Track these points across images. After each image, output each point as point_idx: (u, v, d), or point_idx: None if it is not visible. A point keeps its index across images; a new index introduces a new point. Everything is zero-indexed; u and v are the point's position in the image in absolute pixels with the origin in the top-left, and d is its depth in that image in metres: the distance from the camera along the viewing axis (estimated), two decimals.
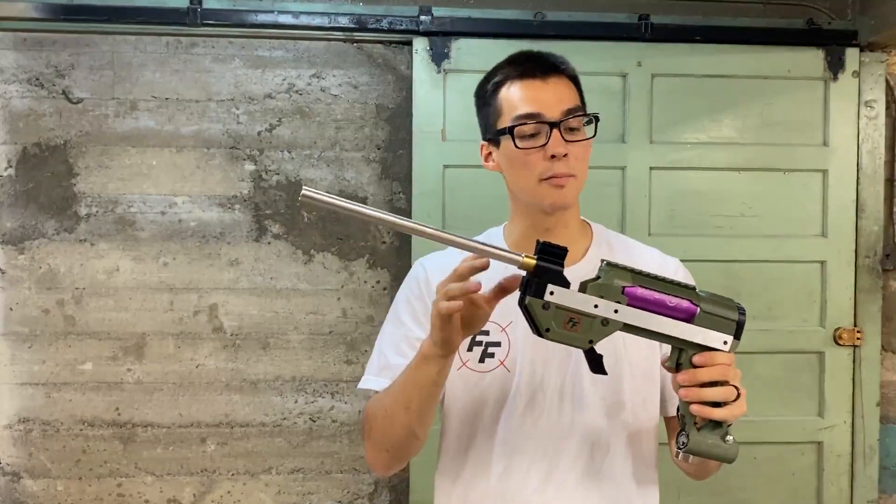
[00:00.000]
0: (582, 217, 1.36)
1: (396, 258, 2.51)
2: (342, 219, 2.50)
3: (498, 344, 1.28)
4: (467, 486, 1.29)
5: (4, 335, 2.44)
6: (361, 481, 2.54)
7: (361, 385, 1.33)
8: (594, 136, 1.27)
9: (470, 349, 1.28)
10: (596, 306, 1.04)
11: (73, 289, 2.45)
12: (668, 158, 2.48)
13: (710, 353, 1.06)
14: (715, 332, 1.07)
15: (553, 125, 1.22)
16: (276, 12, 2.40)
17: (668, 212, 2.48)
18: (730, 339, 1.08)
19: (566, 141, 1.22)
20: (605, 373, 1.09)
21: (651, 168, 2.46)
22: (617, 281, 1.05)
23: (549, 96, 1.23)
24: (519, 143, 1.23)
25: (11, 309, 2.44)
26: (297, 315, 2.50)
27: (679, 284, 1.07)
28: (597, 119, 1.27)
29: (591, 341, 1.05)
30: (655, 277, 1.07)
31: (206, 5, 2.37)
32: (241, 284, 2.49)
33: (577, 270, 1.25)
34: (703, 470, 1.28)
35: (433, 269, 1.33)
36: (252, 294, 2.49)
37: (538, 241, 1.04)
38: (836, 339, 2.51)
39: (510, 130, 1.24)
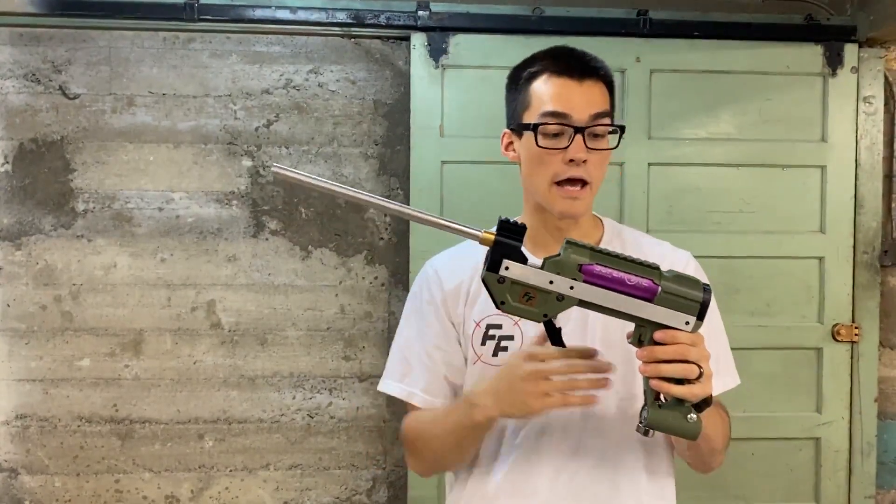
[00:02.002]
0: (594, 213, 1.37)
1: (394, 254, 2.50)
2: (340, 215, 2.50)
3: (511, 337, 1.29)
4: (480, 478, 1.30)
5: (1, 331, 2.44)
6: (359, 477, 2.54)
7: (383, 388, 1.37)
8: (616, 146, 1.27)
9: (483, 343, 1.30)
10: (551, 282, 1.06)
11: (71, 285, 2.45)
12: (667, 154, 2.47)
13: (671, 331, 1.07)
14: (676, 312, 1.07)
15: (578, 130, 1.22)
16: (273, 8, 2.39)
17: (667, 208, 2.48)
18: (692, 319, 1.07)
19: (588, 148, 1.22)
20: (563, 345, 1.11)
21: (649, 164, 2.46)
22: (574, 257, 1.06)
23: (580, 99, 1.23)
24: (541, 142, 1.24)
25: (9, 305, 2.44)
26: (295, 311, 2.50)
27: (642, 264, 1.08)
28: (622, 130, 1.28)
29: (545, 315, 1.07)
30: (617, 256, 1.08)
31: (203, 0, 2.36)
32: (238, 280, 2.48)
33: None
34: (700, 461, 1.29)
35: (443, 268, 1.36)
36: (250, 290, 2.49)
37: (500, 218, 1.06)
38: (835, 335, 2.51)
39: (534, 127, 1.24)
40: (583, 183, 1.24)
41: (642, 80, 2.45)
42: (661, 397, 1.08)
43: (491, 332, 1.29)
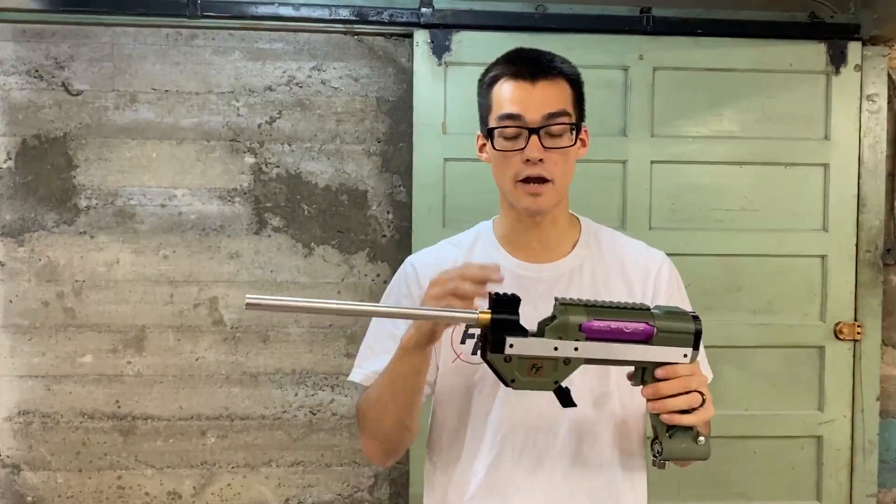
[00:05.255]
0: (571, 211, 1.40)
1: (396, 251, 2.50)
2: (343, 212, 2.50)
3: None
4: (459, 478, 1.32)
5: (4, 327, 2.44)
6: (361, 474, 2.54)
7: (350, 378, 1.37)
8: (573, 144, 1.29)
9: (463, 342, 1.32)
10: (556, 349, 1.06)
11: (73, 281, 2.45)
12: (670, 152, 2.47)
13: (672, 367, 1.10)
14: (674, 348, 1.10)
15: (532, 130, 1.24)
16: (276, 4, 2.39)
17: (669, 205, 2.48)
18: (689, 350, 1.10)
19: (545, 147, 1.25)
20: (574, 405, 1.12)
21: (652, 162, 2.45)
22: (573, 319, 1.07)
23: (534, 100, 1.26)
24: (498, 145, 1.28)
25: (11, 301, 2.44)
26: None
27: (634, 308, 1.10)
28: (577, 128, 1.29)
29: (556, 382, 1.08)
30: (609, 306, 1.09)
31: None
32: (241, 277, 2.48)
33: (565, 265, 1.33)
34: None
35: (422, 266, 1.38)
36: (252, 287, 2.49)
37: (490, 295, 1.05)
38: (837, 334, 2.51)
39: (490, 132, 1.28)
40: (544, 180, 1.26)
41: (645, 77, 2.45)
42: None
43: (471, 330, 1.31)
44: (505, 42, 2.41)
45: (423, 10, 2.40)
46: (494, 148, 1.28)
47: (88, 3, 2.35)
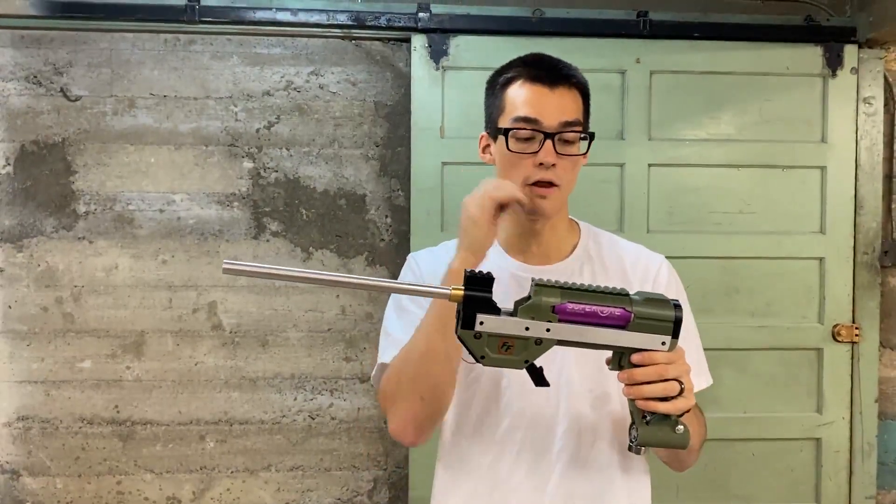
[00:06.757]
0: (571, 216, 1.40)
1: (395, 255, 2.51)
2: (341, 216, 2.50)
3: None
4: (460, 477, 1.32)
5: (3, 333, 2.44)
6: (360, 478, 2.54)
7: (380, 361, 1.31)
8: (586, 152, 1.30)
9: None
10: (527, 328, 1.06)
11: (72, 286, 2.45)
12: (667, 155, 2.48)
13: (648, 353, 1.09)
14: (651, 335, 1.09)
15: (548, 135, 1.25)
16: (274, 9, 2.40)
17: (667, 208, 2.48)
18: (667, 338, 1.09)
19: (558, 153, 1.25)
20: (547, 384, 1.12)
21: (650, 165, 2.46)
22: (546, 300, 1.07)
23: (551, 105, 1.26)
24: (512, 146, 1.27)
25: (10, 307, 2.44)
26: (296, 312, 2.51)
27: (612, 293, 1.09)
28: (592, 138, 1.30)
29: (526, 361, 1.08)
30: (586, 290, 1.09)
31: (203, 2, 2.36)
32: (239, 282, 2.49)
33: (564, 267, 1.34)
34: (677, 460, 1.31)
35: (423, 260, 1.39)
36: (251, 291, 2.49)
37: (465, 272, 1.06)
38: (835, 336, 2.51)
39: (506, 132, 1.27)
40: (552, 184, 1.27)
41: (642, 81, 2.45)
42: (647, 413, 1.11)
43: None
44: (502, 46, 2.44)
45: (421, 14, 2.41)
46: (508, 149, 1.27)
47: (86, 9, 2.35)
